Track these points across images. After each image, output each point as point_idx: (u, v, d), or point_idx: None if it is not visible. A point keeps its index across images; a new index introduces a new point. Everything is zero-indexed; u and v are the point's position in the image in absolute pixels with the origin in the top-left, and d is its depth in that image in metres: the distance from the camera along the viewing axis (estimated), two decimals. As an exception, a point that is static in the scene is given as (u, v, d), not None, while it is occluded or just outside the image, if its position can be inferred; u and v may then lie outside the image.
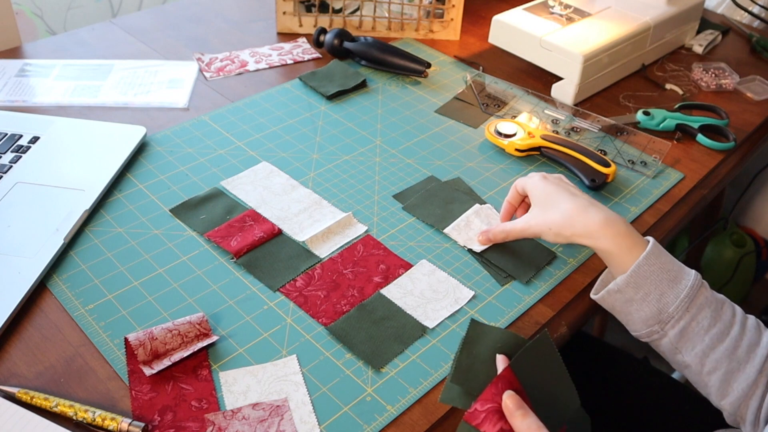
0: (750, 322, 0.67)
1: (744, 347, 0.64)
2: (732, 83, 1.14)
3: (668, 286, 0.67)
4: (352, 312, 0.72)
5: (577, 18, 1.14)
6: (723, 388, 0.65)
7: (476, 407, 0.56)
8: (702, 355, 0.65)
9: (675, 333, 0.66)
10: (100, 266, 0.75)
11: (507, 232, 0.78)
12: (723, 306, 0.67)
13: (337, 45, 1.13)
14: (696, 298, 0.66)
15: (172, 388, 0.64)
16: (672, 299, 0.66)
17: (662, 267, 0.67)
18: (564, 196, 0.73)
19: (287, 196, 0.86)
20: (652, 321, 0.68)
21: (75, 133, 0.93)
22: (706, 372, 0.66)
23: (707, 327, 0.65)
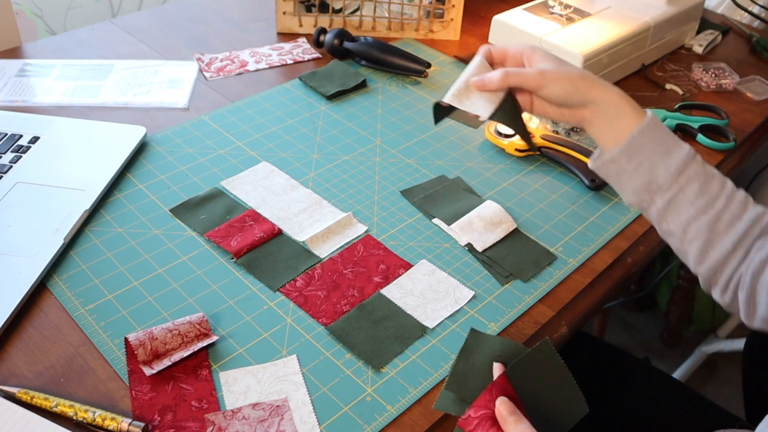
0: (738, 197, 0.68)
1: (725, 220, 0.67)
2: (732, 83, 1.14)
3: (660, 158, 0.69)
4: (352, 312, 0.72)
5: (577, 18, 1.14)
6: (701, 256, 0.69)
7: (470, 413, 0.57)
8: (686, 224, 0.68)
9: (663, 203, 0.69)
10: (100, 266, 0.75)
11: (508, 74, 0.70)
12: (712, 180, 0.68)
13: (337, 45, 1.13)
14: (686, 170, 0.68)
15: (172, 388, 0.64)
16: (662, 171, 0.68)
17: (656, 139, 0.69)
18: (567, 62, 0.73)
19: (287, 196, 0.86)
20: (643, 190, 0.70)
21: (75, 133, 0.93)
22: (687, 240, 0.69)
23: (693, 199, 0.68)
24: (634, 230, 0.85)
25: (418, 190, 0.88)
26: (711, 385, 1.68)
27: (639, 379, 0.97)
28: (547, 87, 0.70)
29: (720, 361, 1.73)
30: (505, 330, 0.71)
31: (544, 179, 0.92)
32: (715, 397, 0.97)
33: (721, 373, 1.71)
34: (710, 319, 1.74)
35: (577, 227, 0.85)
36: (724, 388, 1.67)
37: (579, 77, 0.70)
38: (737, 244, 0.67)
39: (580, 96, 0.70)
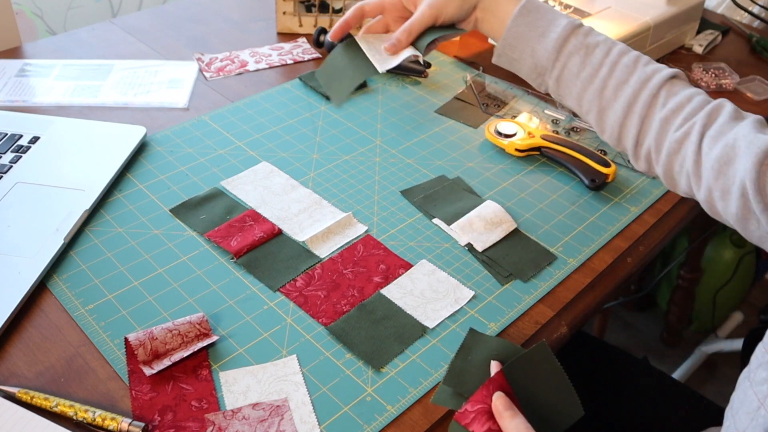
0: (624, 61, 0.70)
1: (611, 87, 0.69)
2: (732, 83, 1.14)
3: (537, 42, 0.72)
4: (352, 312, 0.72)
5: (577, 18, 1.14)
6: (598, 126, 0.72)
7: (466, 407, 0.58)
8: (577, 98, 0.72)
9: (552, 82, 0.73)
10: (100, 266, 0.75)
11: (409, 28, 0.76)
12: (595, 50, 0.70)
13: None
14: (563, 47, 0.71)
15: (172, 388, 0.64)
16: (542, 53, 0.72)
17: (530, 25, 0.73)
18: None
19: (287, 196, 0.86)
20: (534, 74, 0.74)
21: (75, 133, 0.93)
22: (584, 114, 0.72)
23: (577, 72, 0.71)
24: (634, 230, 0.85)
25: (418, 190, 0.88)
26: (711, 385, 1.68)
27: (638, 378, 0.97)
28: (443, 16, 0.76)
29: (720, 361, 1.73)
30: (505, 330, 0.71)
31: (544, 179, 0.92)
32: (715, 397, 0.97)
33: (721, 373, 1.71)
34: (710, 319, 1.74)
35: (577, 227, 0.85)
36: (724, 387, 1.67)
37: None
38: (628, 110, 0.69)
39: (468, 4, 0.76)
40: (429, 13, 0.76)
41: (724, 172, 0.62)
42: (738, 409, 0.60)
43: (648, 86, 0.68)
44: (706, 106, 0.67)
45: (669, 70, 0.69)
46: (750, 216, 0.61)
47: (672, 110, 0.67)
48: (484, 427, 0.56)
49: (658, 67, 0.69)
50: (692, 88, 0.69)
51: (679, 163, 0.67)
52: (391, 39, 0.78)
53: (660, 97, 0.68)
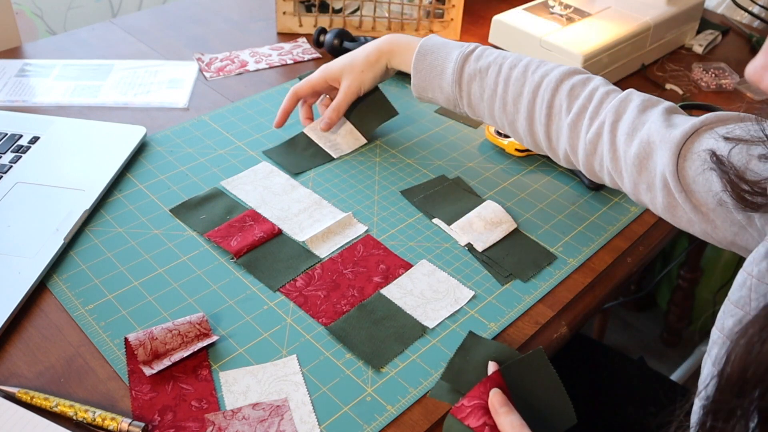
0: (515, 74, 0.75)
1: (510, 102, 0.76)
2: (732, 83, 1.14)
3: (440, 79, 0.81)
4: (352, 312, 0.72)
5: (577, 18, 1.14)
6: (516, 137, 0.79)
7: (463, 402, 0.58)
8: (490, 115, 0.79)
9: (467, 109, 0.81)
10: (100, 266, 0.75)
11: (337, 107, 0.89)
12: (488, 71, 0.77)
13: (337, 45, 1.13)
14: (461, 78, 0.79)
15: (172, 388, 0.64)
16: (447, 88, 0.80)
17: (429, 66, 0.81)
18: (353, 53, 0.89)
19: (287, 196, 0.86)
20: (450, 105, 0.82)
21: (75, 133, 0.93)
22: (501, 128, 0.80)
23: (480, 96, 0.78)
24: (634, 230, 0.85)
25: (418, 190, 0.88)
26: (711, 385, 1.68)
27: (634, 379, 0.97)
28: (364, 86, 0.89)
29: (720, 361, 1.73)
30: (505, 330, 0.71)
31: (544, 179, 0.92)
32: (715, 397, 0.97)
33: (721, 373, 1.71)
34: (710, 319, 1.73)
35: (577, 227, 0.85)
36: (724, 388, 1.67)
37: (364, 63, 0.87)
38: (530, 119, 0.75)
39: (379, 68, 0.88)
40: (351, 89, 0.89)
41: (645, 166, 0.66)
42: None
43: (540, 94, 0.74)
44: (609, 99, 0.71)
45: (558, 70, 0.74)
46: (676, 204, 0.65)
47: (577, 113, 0.71)
48: (479, 422, 0.57)
49: (546, 71, 0.74)
50: (591, 83, 0.73)
51: (598, 162, 0.71)
52: (324, 119, 0.91)
53: (561, 102, 0.72)
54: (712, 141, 0.61)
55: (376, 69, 0.88)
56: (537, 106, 0.74)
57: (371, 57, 0.87)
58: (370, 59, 0.88)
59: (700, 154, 0.61)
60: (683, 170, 0.63)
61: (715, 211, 0.62)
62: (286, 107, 0.92)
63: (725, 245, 0.65)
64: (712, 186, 0.60)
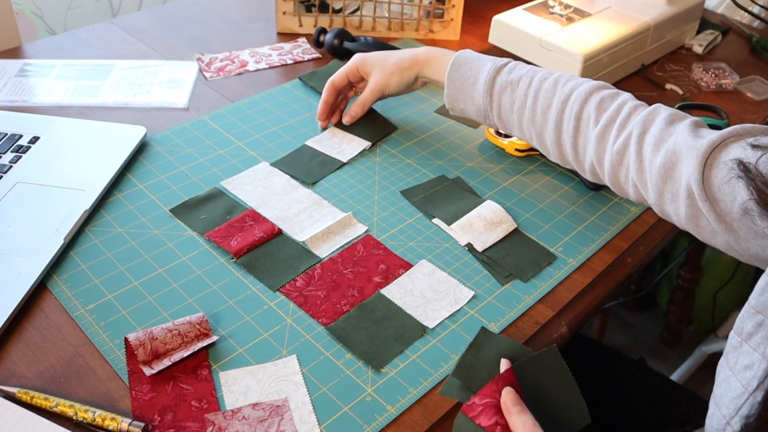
0: (545, 86, 0.77)
1: (539, 113, 0.77)
2: (732, 83, 1.14)
3: (473, 89, 0.82)
4: (352, 312, 0.72)
5: (577, 18, 1.14)
6: (543, 149, 0.80)
7: (474, 401, 0.58)
8: (519, 128, 0.80)
9: (496, 120, 0.82)
10: (100, 266, 0.75)
11: (362, 101, 0.92)
12: (519, 83, 0.79)
13: (337, 45, 1.13)
14: (493, 89, 0.81)
15: (172, 388, 0.64)
16: (478, 98, 0.82)
17: (463, 77, 0.83)
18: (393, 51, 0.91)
19: (287, 196, 0.86)
20: (480, 116, 0.84)
21: (75, 133, 0.93)
22: (528, 140, 0.81)
23: (510, 107, 0.80)
24: (634, 230, 0.85)
25: (418, 190, 0.88)
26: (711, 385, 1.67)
27: (634, 379, 0.97)
28: (388, 89, 0.91)
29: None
30: (505, 330, 0.71)
31: (544, 179, 0.92)
32: (715, 397, 0.97)
33: (721, 373, 1.71)
34: (710, 319, 1.74)
35: (577, 227, 0.85)
36: (724, 388, 1.67)
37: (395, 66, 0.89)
38: (558, 131, 0.76)
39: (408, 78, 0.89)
40: (377, 87, 0.91)
41: (671, 176, 0.66)
42: (722, 397, 0.60)
43: (569, 105, 0.75)
44: (637, 112, 0.71)
45: (588, 84, 0.75)
46: (699, 215, 0.65)
47: (605, 125, 0.72)
48: (491, 421, 0.56)
49: (575, 84, 0.75)
50: (620, 97, 0.74)
51: (624, 173, 0.72)
52: (349, 112, 0.94)
53: (590, 114, 0.73)
54: (740, 150, 0.61)
55: (404, 75, 0.89)
56: (565, 117, 0.75)
57: (404, 62, 0.89)
58: (402, 64, 0.89)
59: (727, 163, 0.61)
60: (709, 179, 0.62)
61: (739, 221, 0.62)
62: (326, 99, 0.94)
63: (747, 258, 0.65)
64: (737, 195, 0.60)
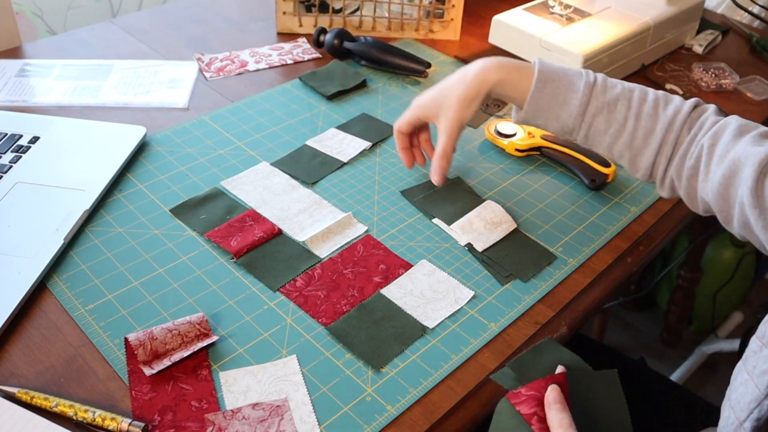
0: (646, 110, 0.74)
1: (640, 137, 0.74)
2: (732, 83, 1.14)
3: (560, 109, 0.76)
4: (352, 312, 0.72)
5: (577, 18, 1.14)
6: (631, 168, 0.77)
7: (521, 390, 0.58)
8: (608, 148, 0.76)
9: (581, 138, 0.77)
10: (100, 266, 0.75)
11: (443, 152, 0.82)
12: (617, 105, 0.75)
13: (337, 45, 1.13)
14: (586, 111, 0.75)
15: (172, 388, 0.64)
16: (566, 118, 0.76)
17: (550, 95, 0.76)
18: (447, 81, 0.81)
19: (287, 196, 0.86)
20: (561, 133, 0.79)
21: (75, 133, 0.93)
22: (616, 158, 0.77)
23: (604, 129, 0.75)
24: (634, 230, 0.85)
25: (417, 190, 0.88)
26: (711, 385, 1.68)
27: (634, 379, 0.97)
28: (465, 121, 0.80)
29: (720, 361, 1.73)
30: (505, 330, 0.71)
31: (544, 179, 0.92)
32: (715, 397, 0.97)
33: (721, 373, 1.71)
34: (710, 319, 1.74)
35: (577, 227, 0.85)
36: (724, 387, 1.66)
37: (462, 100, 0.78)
38: (658, 153, 0.74)
39: (480, 101, 0.79)
40: (452, 133, 0.80)
41: (732, 184, 0.66)
42: (738, 401, 0.60)
43: (673, 129, 0.73)
44: (711, 125, 0.71)
45: (687, 105, 0.73)
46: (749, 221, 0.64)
47: (689, 141, 0.72)
48: (530, 410, 0.57)
49: (677, 107, 0.73)
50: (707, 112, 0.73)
51: (695, 186, 0.72)
52: (435, 170, 0.83)
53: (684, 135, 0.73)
54: None
55: (476, 103, 0.79)
56: (668, 140, 0.73)
57: (470, 92, 0.78)
58: (469, 94, 0.78)
59: None
60: (762, 188, 0.62)
61: None
62: (402, 146, 0.88)
63: None
64: None
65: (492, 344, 0.70)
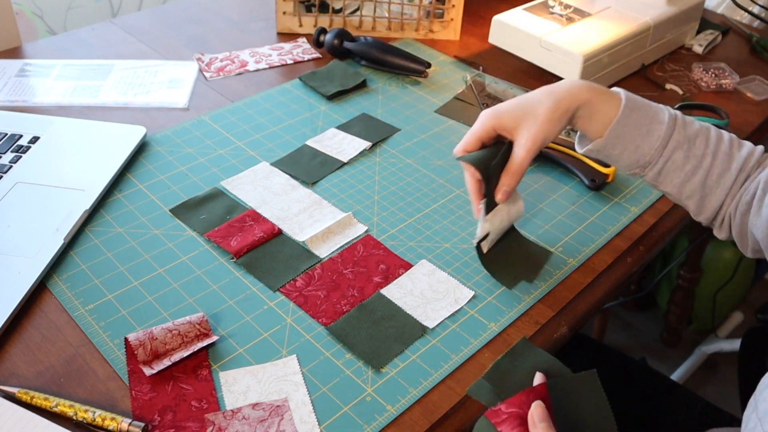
0: (723, 149, 0.72)
1: (715, 176, 0.72)
2: (732, 83, 1.14)
3: (642, 140, 0.72)
4: (352, 312, 0.72)
5: (577, 18, 1.14)
6: (698, 209, 0.74)
7: (501, 407, 0.56)
8: (679, 186, 0.73)
9: (653, 174, 0.74)
10: (100, 266, 0.75)
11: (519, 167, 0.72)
12: (696, 141, 0.72)
13: (337, 45, 1.13)
14: (669, 143, 0.72)
15: (172, 388, 0.64)
16: (647, 150, 0.72)
17: (635, 123, 0.72)
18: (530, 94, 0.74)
19: (287, 196, 0.86)
20: (633, 167, 0.74)
21: (75, 133, 0.93)
22: (684, 198, 0.74)
23: (681, 165, 0.72)
24: (634, 230, 0.85)
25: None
26: (711, 385, 1.68)
27: (636, 379, 0.97)
28: (549, 139, 0.72)
29: (720, 361, 1.73)
30: (505, 330, 0.71)
31: (544, 179, 0.92)
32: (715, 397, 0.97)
33: (721, 373, 1.71)
34: (710, 319, 1.74)
35: (577, 227, 0.85)
36: (724, 388, 1.67)
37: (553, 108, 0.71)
38: (728, 193, 0.72)
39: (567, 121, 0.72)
40: (534, 146, 0.71)
41: None
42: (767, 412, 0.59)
43: (745, 170, 0.71)
44: None
45: (759, 149, 0.73)
46: None
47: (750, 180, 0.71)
48: (513, 431, 0.55)
49: (750, 150, 0.73)
50: None
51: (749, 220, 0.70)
52: (502, 187, 0.73)
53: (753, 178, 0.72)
54: None
55: (564, 120, 0.72)
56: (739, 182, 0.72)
57: (561, 106, 0.71)
58: (560, 106, 0.71)
59: None
60: None
61: None
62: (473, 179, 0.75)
63: None
64: None
65: (492, 344, 0.70)
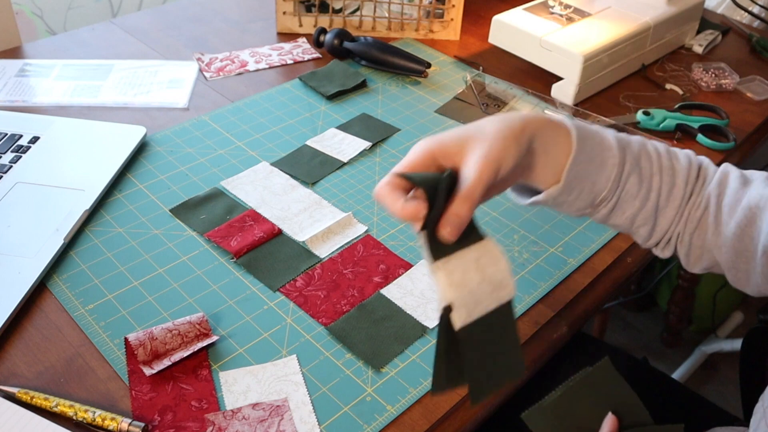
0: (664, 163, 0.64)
1: (664, 195, 0.64)
2: (732, 83, 1.14)
3: (598, 173, 0.62)
4: (352, 312, 0.72)
5: (577, 18, 1.14)
6: (650, 234, 0.66)
7: None
8: (632, 217, 0.64)
9: (606, 211, 0.64)
10: (100, 266, 0.75)
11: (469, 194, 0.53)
12: (641, 160, 0.63)
13: (337, 45, 1.13)
14: (623, 171, 0.62)
15: (172, 388, 0.64)
16: (603, 183, 0.62)
17: (589, 157, 0.61)
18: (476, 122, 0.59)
19: (287, 196, 0.86)
20: (587, 208, 0.64)
21: (75, 133, 0.93)
22: (635, 228, 0.65)
23: (636, 192, 0.63)
24: (634, 230, 0.85)
25: None
26: (711, 385, 1.68)
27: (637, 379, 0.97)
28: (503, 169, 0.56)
29: (720, 361, 1.73)
30: (505, 330, 0.71)
31: (544, 179, 0.92)
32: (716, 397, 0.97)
33: (721, 373, 1.71)
34: (710, 319, 1.74)
35: (577, 227, 0.85)
36: (724, 387, 1.67)
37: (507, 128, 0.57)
38: (677, 212, 0.65)
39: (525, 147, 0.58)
40: (489, 165, 0.55)
41: (748, 233, 0.60)
42: None
43: (690, 183, 0.64)
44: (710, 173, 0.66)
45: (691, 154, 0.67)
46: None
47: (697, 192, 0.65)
48: None
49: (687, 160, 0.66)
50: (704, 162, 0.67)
51: (700, 238, 0.65)
52: (449, 218, 0.52)
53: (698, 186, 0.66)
54: None
55: (521, 144, 0.57)
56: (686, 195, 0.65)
57: (515, 127, 0.57)
58: (513, 125, 0.57)
59: None
60: None
61: None
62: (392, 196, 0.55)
63: None
64: None
65: (492, 344, 0.70)
